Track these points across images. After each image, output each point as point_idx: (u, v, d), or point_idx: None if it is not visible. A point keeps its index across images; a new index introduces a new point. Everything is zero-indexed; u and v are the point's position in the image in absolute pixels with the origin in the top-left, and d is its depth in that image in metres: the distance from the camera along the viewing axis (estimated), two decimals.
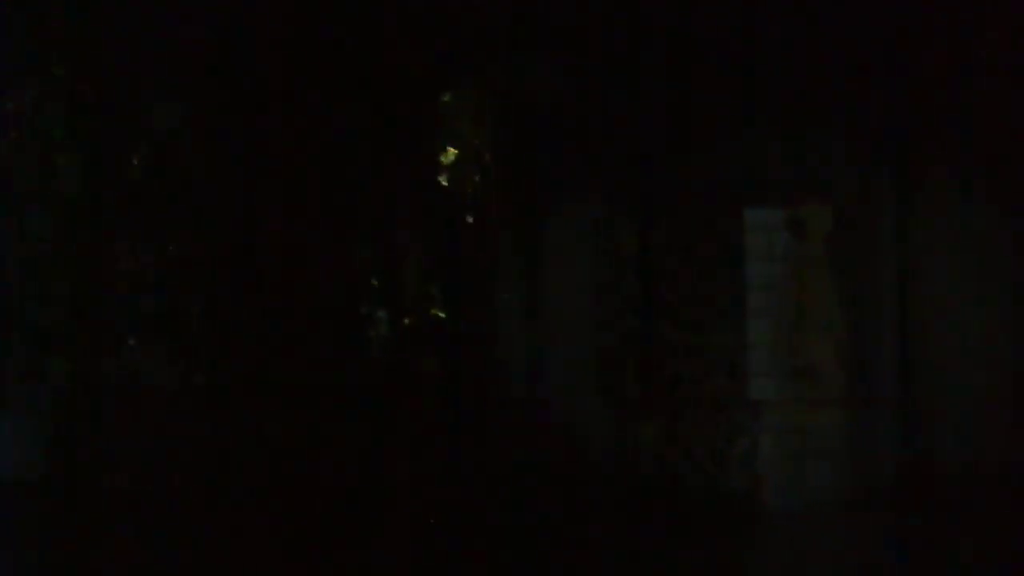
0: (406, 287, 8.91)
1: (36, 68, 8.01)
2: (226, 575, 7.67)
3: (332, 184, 8.52)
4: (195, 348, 8.36)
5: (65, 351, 7.93)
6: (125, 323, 8.28)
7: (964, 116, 8.97)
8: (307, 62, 8.42)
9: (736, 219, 9.30)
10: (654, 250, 9.48)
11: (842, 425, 9.24)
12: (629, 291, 9.51)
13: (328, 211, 8.53)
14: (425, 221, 8.95)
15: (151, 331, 8.34)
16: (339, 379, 8.48)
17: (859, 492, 9.14)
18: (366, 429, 8.46)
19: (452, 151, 9.06)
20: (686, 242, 9.50)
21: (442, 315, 8.97)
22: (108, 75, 8.21)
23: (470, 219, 9.10)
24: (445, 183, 9.03)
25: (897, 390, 9.19)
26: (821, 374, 9.26)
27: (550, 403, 9.28)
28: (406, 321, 8.86)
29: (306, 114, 8.43)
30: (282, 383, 8.35)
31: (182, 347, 8.34)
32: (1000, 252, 9.03)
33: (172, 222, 8.31)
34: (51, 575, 7.69)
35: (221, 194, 8.36)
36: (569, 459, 9.14)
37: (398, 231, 8.88)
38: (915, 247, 9.18)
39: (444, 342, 8.95)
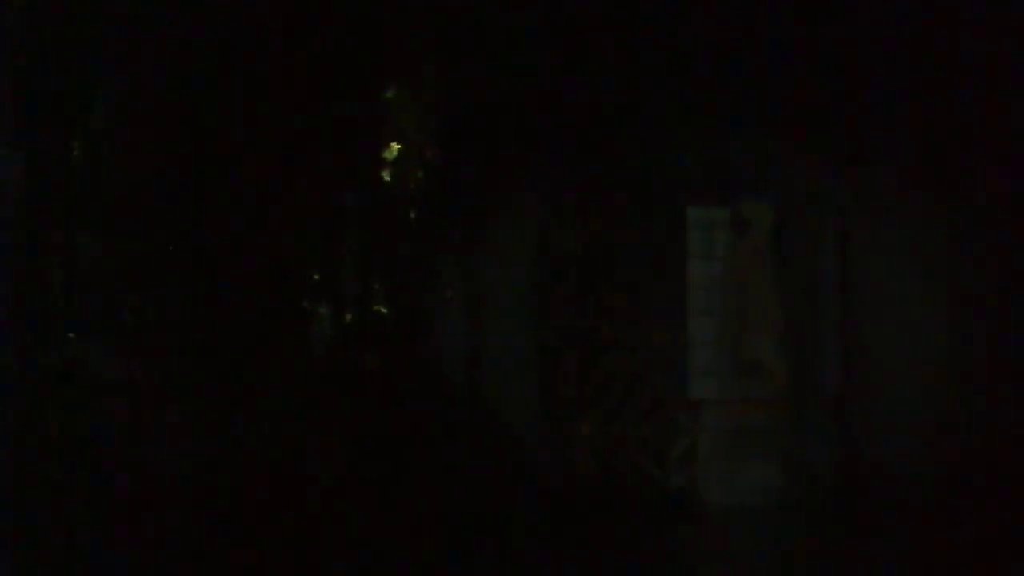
0: (348, 283, 8.85)
1: None
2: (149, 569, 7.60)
3: (273, 179, 8.46)
4: (133, 342, 8.26)
5: (5, 342, 7.79)
6: (64, 316, 8.16)
7: (906, 113, 9.03)
8: (247, 56, 8.36)
9: (677, 217, 9.31)
10: (594, 248, 9.46)
11: (783, 424, 9.27)
12: (569, 289, 9.49)
13: (269, 205, 8.47)
14: (367, 217, 8.88)
15: (90, 324, 8.23)
16: (278, 374, 8.42)
17: (799, 491, 9.18)
18: (304, 425, 8.41)
19: (395, 147, 8.99)
20: (626, 240, 9.49)
21: (384, 311, 8.90)
22: (48, 66, 8.08)
23: (412, 215, 9.04)
24: (388, 179, 8.96)
25: (838, 389, 9.23)
26: (762, 373, 9.28)
27: (489, 401, 9.24)
28: (348, 317, 8.80)
29: (246, 108, 8.37)
30: (220, 378, 8.29)
31: (120, 341, 8.24)
32: (942, 251, 9.10)
33: (112, 216, 8.21)
34: None
35: (160, 188, 8.28)
36: (507, 456, 9.11)
37: (340, 226, 8.83)
38: (857, 246, 9.23)
39: (385, 338, 8.88)
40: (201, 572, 7.72)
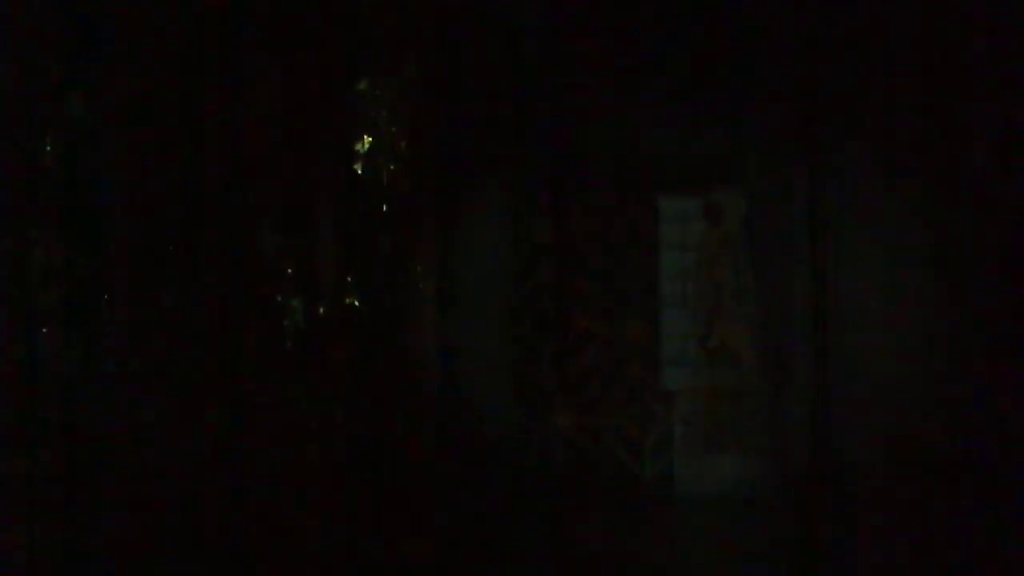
0: (321, 276, 8.99)
1: None
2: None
3: (245, 171, 8.62)
4: (102, 337, 8.52)
5: None
6: (33, 311, 8.46)
7: (883, 100, 8.73)
8: (219, 44, 8.50)
9: (649, 207, 9.21)
10: (568, 239, 9.40)
11: (756, 414, 9.12)
12: (543, 280, 9.46)
13: (241, 198, 8.63)
14: (340, 209, 9.00)
15: (59, 319, 8.51)
16: (250, 368, 8.59)
17: (773, 482, 9.04)
18: (277, 420, 8.57)
19: (368, 139, 9.08)
20: (600, 231, 9.41)
21: (356, 304, 9.03)
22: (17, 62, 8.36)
23: (385, 207, 9.12)
24: (360, 171, 9.06)
25: (812, 379, 9.02)
26: (736, 363, 9.14)
27: (464, 391, 9.29)
28: (321, 310, 8.95)
29: (217, 99, 8.53)
30: (194, 372, 8.50)
31: (89, 336, 8.51)
32: (919, 239, 8.78)
33: (82, 211, 8.47)
34: None
35: (131, 182, 8.50)
36: (482, 447, 9.16)
37: (313, 219, 8.96)
38: (831, 235, 8.97)
39: (358, 331, 9.01)
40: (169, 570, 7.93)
